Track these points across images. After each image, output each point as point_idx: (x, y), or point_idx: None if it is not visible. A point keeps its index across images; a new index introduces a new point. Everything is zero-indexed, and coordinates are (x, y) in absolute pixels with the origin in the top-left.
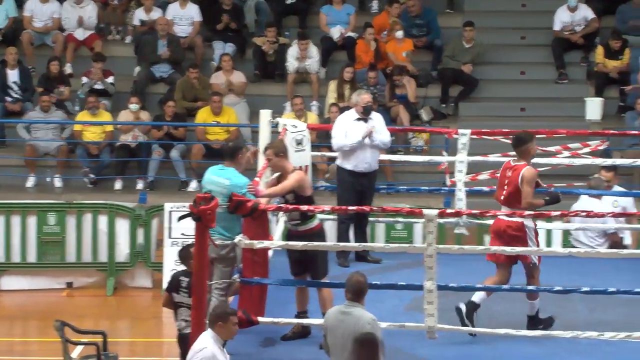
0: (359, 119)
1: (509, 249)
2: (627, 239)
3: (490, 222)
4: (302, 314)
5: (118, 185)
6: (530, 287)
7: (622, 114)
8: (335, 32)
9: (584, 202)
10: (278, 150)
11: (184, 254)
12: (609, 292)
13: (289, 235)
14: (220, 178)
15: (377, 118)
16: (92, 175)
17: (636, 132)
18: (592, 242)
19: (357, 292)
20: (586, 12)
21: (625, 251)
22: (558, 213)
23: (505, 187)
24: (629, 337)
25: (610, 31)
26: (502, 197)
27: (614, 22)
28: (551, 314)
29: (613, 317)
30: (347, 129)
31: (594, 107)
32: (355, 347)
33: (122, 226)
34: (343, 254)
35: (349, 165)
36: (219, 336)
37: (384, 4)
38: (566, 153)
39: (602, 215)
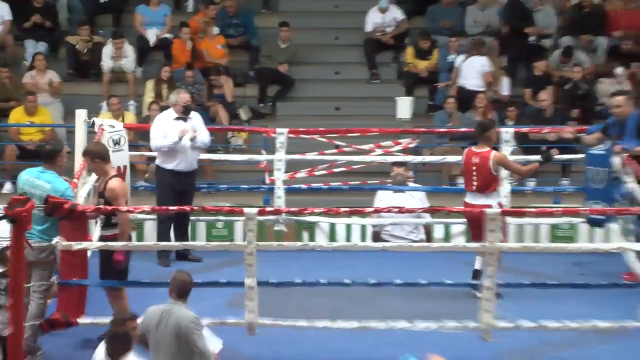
0: (178, 119)
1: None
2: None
3: (308, 218)
4: None
5: None
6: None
7: (431, 112)
8: (151, 36)
9: (390, 198)
10: (93, 155)
11: (1, 256)
12: (422, 284)
13: (100, 239)
14: (41, 181)
15: (196, 117)
16: None
17: (444, 129)
18: (408, 235)
19: (181, 291)
20: (396, 13)
21: (435, 244)
22: (372, 209)
23: (475, 176)
24: (441, 328)
25: (418, 31)
26: (474, 186)
27: (423, 22)
28: (366, 304)
29: (426, 309)
30: (165, 129)
31: (404, 106)
32: (108, 342)
33: None
34: (164, 253)
35: (168, 164)
36: None
37: (199, 4)
38: (379, 151)
39: (413, 211)
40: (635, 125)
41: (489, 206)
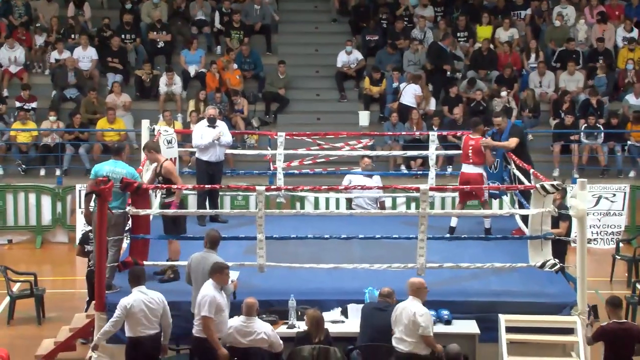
0: (209, 126)
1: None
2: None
3: (299, 194)
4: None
5: (42, 172)
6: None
7: (381, 122)
8: (192, 70)
9: (357, 179)
10: (149, 148)
11: (91, 219)
12: (377, 237)
13: (162, 205)
14: (117, 168)
15: (222, 125)
16: (23, 166)
17: (390, 133)
18: (367, 206)
19: (212, 243)
20: (357, 55)
21: (386, 211)
22: (343, 187)
23: (471, 152)
24: (390, 267)
25: (372, 67)
26: (469, 159)
27: (374, 61)
28: (339, 252)
29: (379, 254)
30: (201, 133)
31: (363, 118)
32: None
33: (46, 200)
34: (201, 217)
35: (204, 157)
36: (217, 283)
37: (224, 49)
38: (347, 147)
39: (371, 188)
40: (509, 131)
41: (480, 174)
